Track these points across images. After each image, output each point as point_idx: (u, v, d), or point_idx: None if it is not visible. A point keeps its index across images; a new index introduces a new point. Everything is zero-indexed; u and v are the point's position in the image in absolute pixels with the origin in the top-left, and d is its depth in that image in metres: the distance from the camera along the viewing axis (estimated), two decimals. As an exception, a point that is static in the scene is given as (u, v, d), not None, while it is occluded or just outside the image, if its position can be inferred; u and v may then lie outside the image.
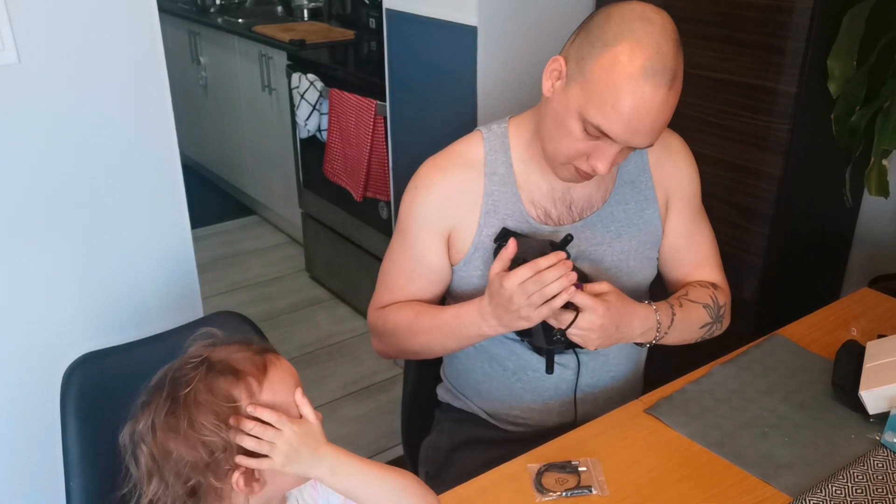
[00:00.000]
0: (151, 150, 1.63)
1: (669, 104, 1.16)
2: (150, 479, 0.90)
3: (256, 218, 4.18)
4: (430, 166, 1.35)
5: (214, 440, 0.87)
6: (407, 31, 2.35)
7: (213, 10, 4.25)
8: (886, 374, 1.22)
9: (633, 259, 1.37)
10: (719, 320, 1.40)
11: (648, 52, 1.12)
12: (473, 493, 1.10)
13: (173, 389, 0.89)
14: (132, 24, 1.53)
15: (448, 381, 1.53)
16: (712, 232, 1.47)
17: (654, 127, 1.16)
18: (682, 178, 1.40)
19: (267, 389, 0.91)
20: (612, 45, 1.13)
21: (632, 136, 1.16)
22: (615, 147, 1.19)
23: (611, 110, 1.14)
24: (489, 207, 1.32)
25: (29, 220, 1.52)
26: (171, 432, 0.88)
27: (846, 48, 1.82)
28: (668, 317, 1.31)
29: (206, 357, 0.92)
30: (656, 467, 1.14)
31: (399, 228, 1.38)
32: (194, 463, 0.88)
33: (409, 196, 1.35)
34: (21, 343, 1.58)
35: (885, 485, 1.09)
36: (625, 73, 1.12)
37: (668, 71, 1.13)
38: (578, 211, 1.34)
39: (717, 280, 1.44)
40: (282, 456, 0.89)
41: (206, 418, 0.87)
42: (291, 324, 3.16)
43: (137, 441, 0.90)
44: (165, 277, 1.72)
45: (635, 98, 1.13)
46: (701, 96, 2.07)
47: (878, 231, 2.28)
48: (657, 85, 1.12)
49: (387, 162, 2.70)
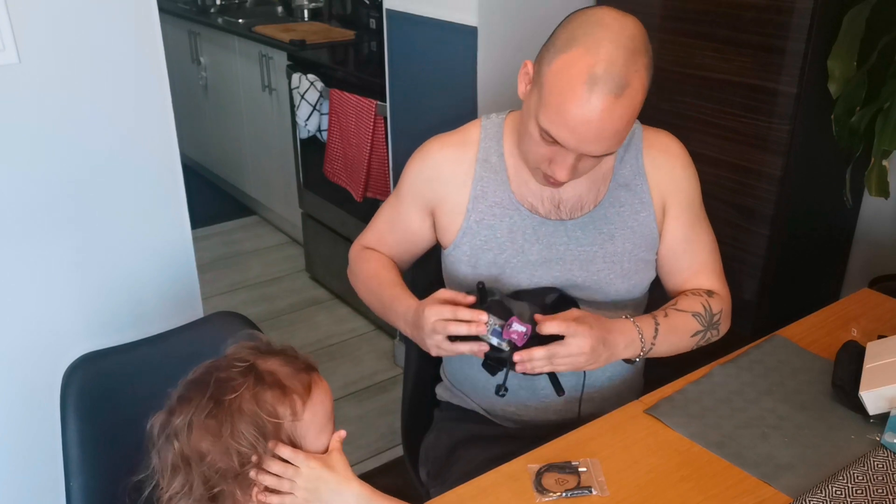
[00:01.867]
0: (151, 151, 1.63)
1: (617, 113, 1.13)
2: (174, 475, 0.88)
3: (256, 218, 4.18)
4: (436, 139, 1.41)
5: (250, 452, 0.86)
6: (407, 32, 2.35)
7: (213, 10, 4.25)
8: (886, 374, 1.22)
9: (628, 261, 1.37)
10: (713, 327, 1.38)
11: (593, 59, 1.11)
12: (473, 493, 1.10)
13: (218, 392, 0.88)
14: (132, 24, 1.53)
15: (447, 379, 1.53)
16: (713, 238, 1.44)
17: (603, 135, 1.15)
18: (679, 183, 1.39)
19: (309, 410, 0.91)
20: (564, 50, 1.14)
21: (579, 143, 1.16)
22: (571, 155, 1.19)
23: (557, 117, 1.15)
24: (477, 193, 1.35)
25: (29, 220, 1.52)
26: (210, 435, 0.86)
27: (846, 48, 1.82)
28: (650, 327, 1.29)
29: (253, 364, 0.90)
30: (656, 468, 1.14)
31: (397, 185, 1.46)
32: (225, 470, 0.86)
33: (411, 160, 1.42)
34: (21, 343, 1.58)
35: (885, 485, 1.09)
36: (570, 80, 1.12)
37: (615, 79, 1.11)
38: (568, 211, 1.35)
39: (715, 287, 1.42)
40: (302, 492, 0.88)
41: (247, 429, 0.86)
42: (291, 324, 3.16)
43: (170, 435, 0.88)
44: (165, 277, 1.72)
45: (579, 105, 1.12)
46: (701, 96, 2.07)
47: (878, 231, 2.28)
48: (602, 93, 1.11)
49: (387, 162, 2.70)
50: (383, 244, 1.48)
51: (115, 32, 1.52)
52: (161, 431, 0.89)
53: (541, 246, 1.34)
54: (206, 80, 4.12)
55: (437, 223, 1.41)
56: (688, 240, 1.40)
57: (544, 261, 1.34)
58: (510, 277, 1.35)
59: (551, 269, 1.35)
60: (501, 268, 1.35)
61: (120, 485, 0.93)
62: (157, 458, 0.90)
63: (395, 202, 1.45)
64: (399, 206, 1.44)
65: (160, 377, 1.25)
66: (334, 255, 3.27)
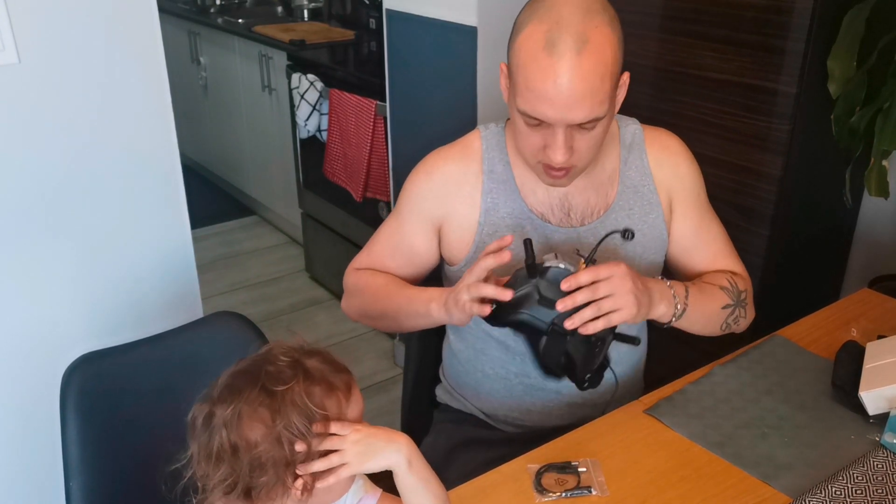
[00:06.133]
0: (151, 150, 1.63)
1: (585, 68, 1.11)
2: (218, 464, 0.88)
3: (256, 218, 4.18)
4: (436, 154, 1.38)
5: (300, 441, 0.87)
6: (407, 32, 2.35)
7: (213, 10, 4.25)
8: (886, 374, 1.22)
9: (638, 266, 1.36)
10: (741, 304, 1.37)
11: (547, 24, 1.12)
12: (473, 493, 1.10)
13: (270, 383, 0.88)
14: (132, 24, 1.53)
15: (447, 382, 1.53)
16: (722, 227, 1.44)
17: (577, 95, 1.12)
18: (683, 178, 1.39)
19: (349, 408, 0.93)
20: (519, 32, 1.16)
21: (559, 111, 1.14)
22: (558, 130, 1.17)
23: (529, 92, 1.15)
24: (489, 205, 1.33)
25: (29, 220, 1.52)
26: (262, 425, 0.87)
27: (846, 48, 1.82)
28: (681, 288, 1.27)
29: (299, 360, 0.92)
30: (656, 468, 1.14)
31: (397, 205, 1.41)
32: (276, 459, 0.87)
33: (411, 178, 1.38)
34: (21, 343, 1.58)
35: (884, 485, 1.09)
36: (530, 51, 1.13)
37: (570, 36, 1.11)
38: (579, 217, 1.33)
39: (736, 269, 1.42)
40: (355, 456, 0.89)
41: (298, 419, 0.87)
42: (291, 324, 3.15)
43: (216, 425, 0.88)
44: (165, 277, 1.72)
45: (541, 72, 1.12)
46: (701, 96, 2.07)
47: (878, 231, 2.28)
48: (563, 52, 1.11)
49: (387, 162, 2.70)
50: (385, 269, 1.41)
51: (115, 32, 1.52)
52: (206, 421, 0.89)
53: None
54: (205, 80, 4.12)
55: (443, 240, 1.37)
56: (698, 234, 1.41)
57: None
58: None
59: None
60: None
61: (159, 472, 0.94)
62: (198, 448, 0.90)
63: (396, 223, 1.39)
64: (401, 226, 1.38)
65: (160, 377, 1.26)
66: (334, 256, 3.27)
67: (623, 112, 1.36)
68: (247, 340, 1.28)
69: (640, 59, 2.16)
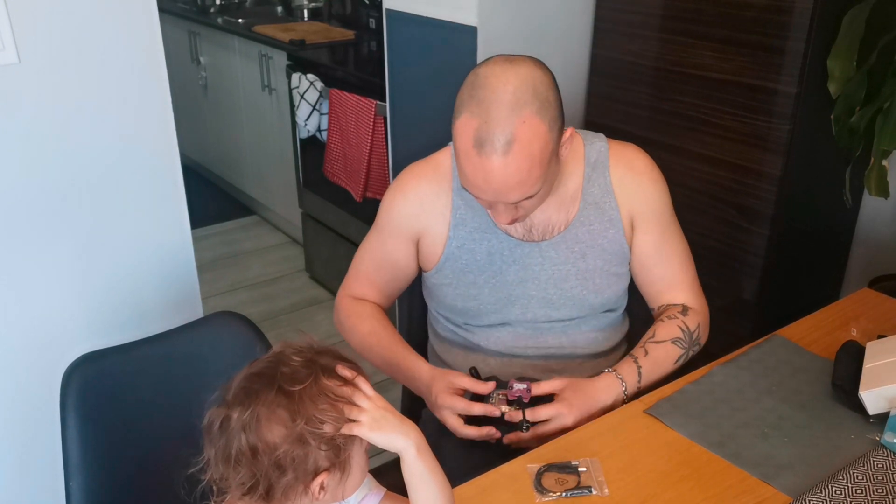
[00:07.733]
0: (151, 150, 1.63)
1: (513, 167, 1.16)
2: (237, 467, 0.88)
3: (256, 218, 4.18)
4: (409, 173, 1.43)
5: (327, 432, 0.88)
6: (407, 31, 2.35)
7: (213, 10, 4.25)
8: (886, 374, 1.22)
9: (599, 277, 1.39)
10: (694, 345, 1.41)
11: (477, 121, 1.16)
12: (473, 493, 1.10)
13: (286, 383, 0.89)
14: (132, 24, 1.53)
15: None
16: (685, 247, 1.46)
17: (508, 187, 1.18)
18: (647, 197, 1.40)
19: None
20: (457, 116, 1.21)
21: (494, 196, 1.21)
22: (497, 205, 1.23)
23: (464, 179, 1.21)
24: (457, 220, 1.38)
25: (29, 220, 1.52)
26: (281, 426, 0.87)
27: (846, 48, 1.82)
28: (633, 374, 1.33)
29: (312, 359, 0.92)
30: (656, 467, 1.14)
31: (376, 222, 1.47)
32: (297, 459, 0.87)
33: (389, 196, 1.44)
34: (21, 343, 1.58)
35: (885, 485, 1.09)
36: (463, 146, 1.18)
37: (498, 138, 1.14)
38: (540, 233, 1.38)
39: (689, 300, 1.44)
40: (368, 419, 0.90)
41: (323, 414, 0.88)
42: (291, 324, 3.15)
43: (235, 429, 0.88)
44: (165, 277, 1.72)
45: (472, 168, 1.18)
46: (701, 96, 2.07)
47: (878, 231, 2.28)
48: (488, 153, 1.15)
49: (387, 162, 2.70)
50: (373, 286, 1.49)
51: (115, 32, 1.52)
52: (223, 426, 0.89)
53: (517, 266, 1.38)
54: (205, 79, 4.12)
55: (420, 250, 1.44)
56: (659, 252, 1.42)
57: (520, 280, 1.39)
58: (489, 296, 1.39)
59: (527, 287, 1.39)
60: (480, 288, 1.39)
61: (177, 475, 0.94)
62: (215, 452, 0.90)
63: (378, 240, 1.46)
64: (383, 243, 1.45)
65: (160, 377, 1.26)
66: (334, 256, 3.27)
67: (623, 112, 1.36)
68: (247, 340, 1.29)
69: (640, 59, 2.17)
